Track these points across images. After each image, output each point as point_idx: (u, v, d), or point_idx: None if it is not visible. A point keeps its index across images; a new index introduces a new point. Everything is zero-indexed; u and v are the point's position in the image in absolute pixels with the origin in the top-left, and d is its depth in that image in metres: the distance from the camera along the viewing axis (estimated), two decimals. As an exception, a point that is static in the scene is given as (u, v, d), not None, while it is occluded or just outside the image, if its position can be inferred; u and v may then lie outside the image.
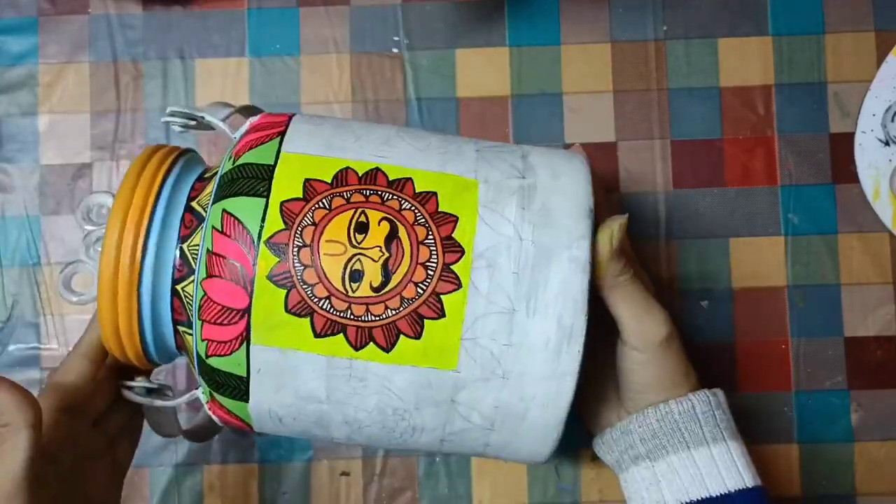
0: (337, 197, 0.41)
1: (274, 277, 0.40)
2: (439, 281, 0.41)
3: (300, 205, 0.41)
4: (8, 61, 0.59)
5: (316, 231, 0.41)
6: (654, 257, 0.58)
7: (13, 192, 0.59)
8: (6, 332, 0.58)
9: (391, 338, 0.41)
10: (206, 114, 0.47)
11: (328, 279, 0.40)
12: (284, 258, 0.40)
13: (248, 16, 0.59)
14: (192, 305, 0.42)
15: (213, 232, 0.41)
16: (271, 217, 0.41)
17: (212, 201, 0.42)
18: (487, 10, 0.59)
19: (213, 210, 0.42)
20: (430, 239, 0.41)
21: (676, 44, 0.59)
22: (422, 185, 0.42)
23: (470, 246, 0.41)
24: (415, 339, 0.41)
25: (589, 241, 0.41)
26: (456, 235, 0.41)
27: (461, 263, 0.41)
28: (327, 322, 0.40)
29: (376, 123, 0.47)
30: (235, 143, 0.44)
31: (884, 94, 0.58)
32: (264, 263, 0.40)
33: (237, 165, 0.42)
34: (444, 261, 0.41)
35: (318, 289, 0.40)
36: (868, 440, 0.58)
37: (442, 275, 0.41)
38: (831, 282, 0.58)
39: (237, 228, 0.41)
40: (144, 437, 0.57)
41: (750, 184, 0.59)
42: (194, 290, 0.42)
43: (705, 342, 0.58)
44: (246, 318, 0.41)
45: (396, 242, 0.41)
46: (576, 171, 0.44)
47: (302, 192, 0.41)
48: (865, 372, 0.58)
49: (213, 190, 0.43)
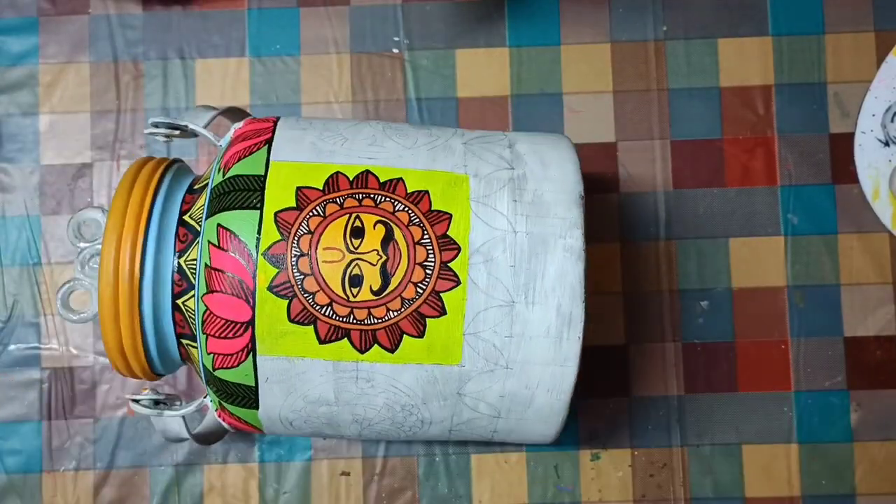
0: (330, 203, 0.41)
1: (275, 288, 0.40)
2: (438, 279, 0.41)
3: (294, 214, 0.41)
4: (8, 61, 0.59)
5: (312, 239, 0.41)
6: (654, 257, 0.58)
7: (13, 192, 0.59)
8: (6, 332, 0.58)
9: (395, 338, 0.41)
10: (189, 121, 0.47)
11: (328, 286, 0.40)
12: (283, 268, 0.41)
13: (248, 16, 0.59)
14: (195, 320, 0.42)
15: (210, 247, 0.41)
16: (267, 229, 0.41)
17: (205, 215, 0.42)
18: (487, 10, 0.59)
19: (208, 225, 0.42)
20: (426, 238, 0.41)
21: (676, 44, 0.59)
22: (413, 185, 0.42)
23: (465, 242, 0.41)
24: (418, 338, 0.41)
25: (581, 229, 0.42)
26: (451, 233, 0.41)
27: (458, 261, 0.41)
28: (331, 328, 0.41)
29: (362, 122, 0.47)
30: (223, 153, 0.44)
31: (883, 95, 0.58)
32: (264, 275, 0.41)
33: (228, 178, 0.43)
34: (442, 259, 0.41)
35: (320, 296, 0.40)
36: (868, 440, 0.58)
37: (440, 273, 0.41)
38: (831, 282, 0.58)
39: (233, 242, 0.41)
40: (144, 437, 0.57)
41: (750, 184, 0.59)
42: (195, 304, 0.42)
43: (705, 342, 0.58)
44: (250, 330, 0.41)
45: (393, 245, 0.41)
46: (564, 159, 0.44)
47: (295, 201, 0.41)
48: (865, 372, 0.58)
49: (206, 203, 0.43)
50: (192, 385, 0.58)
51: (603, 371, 0.58)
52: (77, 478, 0.57)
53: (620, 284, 0.58)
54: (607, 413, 0.58)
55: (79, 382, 0.58)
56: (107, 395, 0.58)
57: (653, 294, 0.58)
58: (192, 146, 0.59)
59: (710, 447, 0.58)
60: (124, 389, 0.58)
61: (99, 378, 0.58)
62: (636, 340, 0.58)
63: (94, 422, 0.58)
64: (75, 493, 0.57)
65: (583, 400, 0.58)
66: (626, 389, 0.58)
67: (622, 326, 0.58)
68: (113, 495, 0.57)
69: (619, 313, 0.58)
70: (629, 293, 0.58)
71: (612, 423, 0.58)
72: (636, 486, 0.58)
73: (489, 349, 0.41)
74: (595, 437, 0.58)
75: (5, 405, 0.58)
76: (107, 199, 0.59)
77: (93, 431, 0.57)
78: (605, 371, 0.58)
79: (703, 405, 0.58)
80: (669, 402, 0.58)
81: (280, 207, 0.41)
